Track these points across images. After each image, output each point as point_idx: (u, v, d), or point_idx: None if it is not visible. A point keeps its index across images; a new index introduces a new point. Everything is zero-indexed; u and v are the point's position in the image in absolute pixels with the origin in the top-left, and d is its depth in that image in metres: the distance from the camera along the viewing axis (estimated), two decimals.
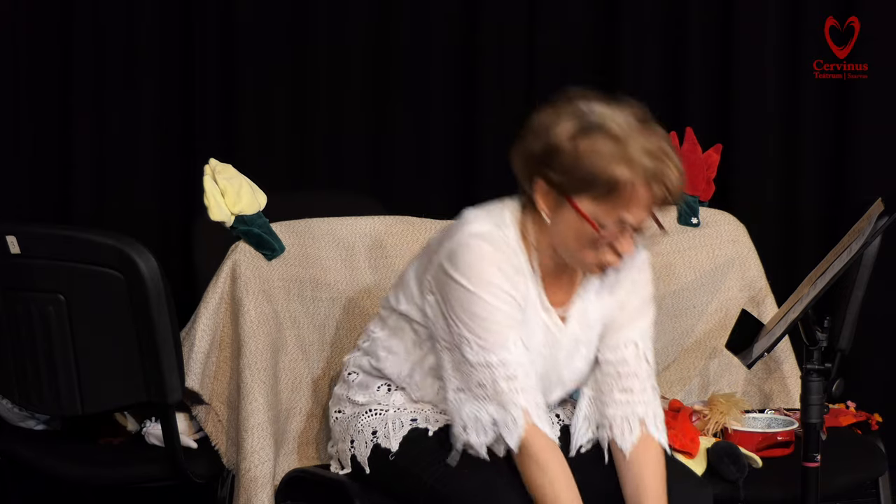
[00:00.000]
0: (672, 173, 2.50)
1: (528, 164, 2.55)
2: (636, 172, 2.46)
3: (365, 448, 2.70)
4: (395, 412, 2.71)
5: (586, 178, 2.47)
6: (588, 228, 2.49)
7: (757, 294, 3.35)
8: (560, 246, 2.55)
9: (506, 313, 2.52)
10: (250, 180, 3.00)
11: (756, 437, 2.92)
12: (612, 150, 2.47)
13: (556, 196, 2.51)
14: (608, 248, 2.52)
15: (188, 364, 2.91)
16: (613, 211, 2.48)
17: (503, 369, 2.50)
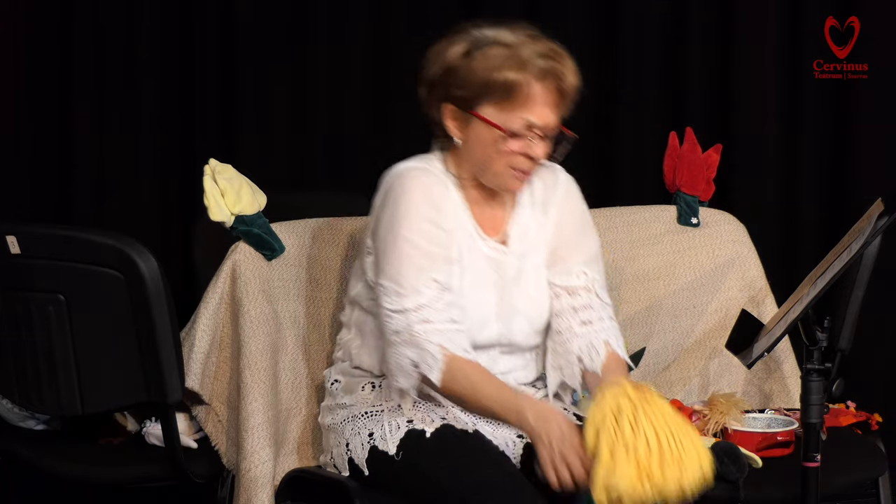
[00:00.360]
0: (565, 69, 2.67)
1: (431, 92, 2.69)
2: (529, 71, 2.62)
3: (362, 450, 2.70)
4: (389, 413, 2.71)
5: (484, 85, 2.61)
6: (496, 134, 2.62)
7: (757, 294, 3.35)
8: (476, 164, 2.68)
9: (424, 251, 2.60)
10: (250, 181, 3.00)
11: (756, 437, 2.92)
12: (503, 56, 2.62)
13: (462, 114, 2.65)
14: (521, 157, 2.65)
15: (188, 364, 2.91)
16: (515, 113, 2.62)
17: (416, 314, 2.58)
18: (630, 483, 2.42)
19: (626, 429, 2.45)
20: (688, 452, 2.46)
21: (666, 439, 2.45)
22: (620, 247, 3.33)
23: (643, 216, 3.38)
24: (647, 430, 2.45)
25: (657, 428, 2.45)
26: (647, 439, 2.44)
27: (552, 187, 2.82)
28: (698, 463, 2.47)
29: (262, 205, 3.00)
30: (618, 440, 2.44)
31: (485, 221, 2.75)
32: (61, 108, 3.85)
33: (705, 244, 3.37)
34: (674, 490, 2.45)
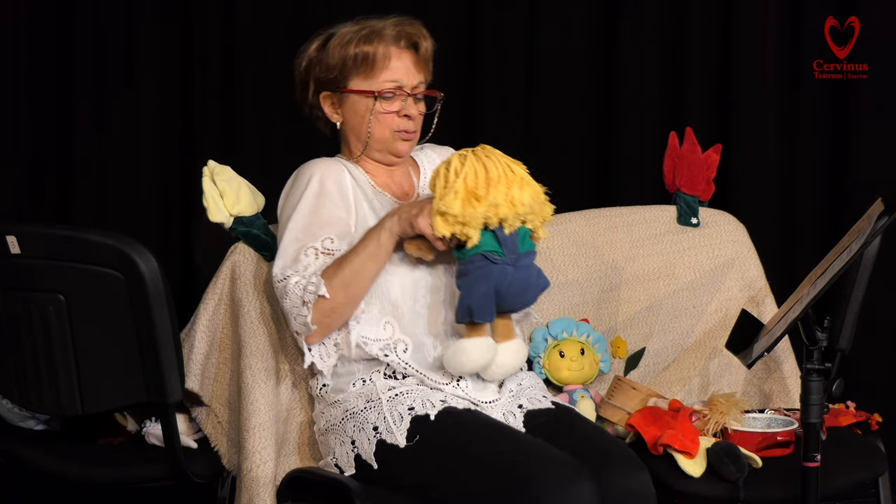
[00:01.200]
0: (415, 31, 2.90)
1: (304, 88, 2.95)
2: (382, 39, 2.87)
3: (369, 445, 2.71)
4: (388, 402, 2.73)
5: (345, 63, 2.88)
6: (369, 101, 2.88)
7: (757, 294, 3.35)
8: (362, 137, 2.92)
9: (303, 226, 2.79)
10: (249, 182, 3.01)
11: (756, 437, 2.91)
12: (354, 31, 2.89)
13: (336, 95, 2.91)
14: (398, 117, 2.88)
15: (188, 365, 2.91)
16: (379, 77, 2.88)
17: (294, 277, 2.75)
18: (459, 204, 2.64)
19: (454, 164, 2.70)
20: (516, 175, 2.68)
21: (495, 168, 2.67)
22: (620, 247, 3.33)
23: (643, 216, 3.38)
24: (475, 163, 2.69)
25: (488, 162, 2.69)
26: (476, 169, 2.67)
27: (445, 153, 3.05)
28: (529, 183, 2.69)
29: (261, 206, 3.00)
30: (448, 173, 2.69)
31: (394, 190, 2.96)
32: (61, 108, 3.85)
33: (705, 244, 3.37)
34: (504, 203, 2.66)
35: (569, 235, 3.29)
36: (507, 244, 2.69)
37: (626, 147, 4.08)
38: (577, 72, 4.08)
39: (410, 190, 2.98)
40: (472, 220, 2.65)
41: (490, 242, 2.68)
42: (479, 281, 2.69)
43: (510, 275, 2.69)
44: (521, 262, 2.71)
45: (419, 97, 2.91)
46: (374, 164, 2.95)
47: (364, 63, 2.87)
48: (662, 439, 2.84)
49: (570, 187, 4.07)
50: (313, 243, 2.78)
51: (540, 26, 4.06)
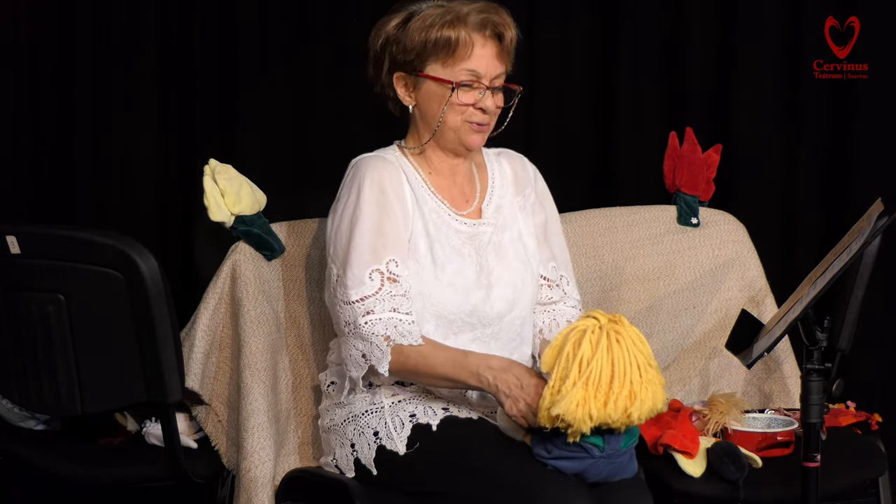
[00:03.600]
0: (501, 19, 2.76)
1: (377, 66, 2.82)
2: (467, 24, 2.73)
3: (368, 450, 2.71)
4: (391, 407, 2.72)
5: (424, 45, 2.74)
6: (446, 89, 2.75)
7: (757, 294, 3.35)
8: (432, 125, 2.78)
9: (370, 244, 2.69)
10: (250, 181, 3.00)
11: (756, 437, 2.92)
12: (439, 14, 2.74)
13: (411, 78, 2.78)
14: (473, 109, 2.76)
15: (188, 364, 2.91)
16: (459, 66, 2.74)
17: (361, 305, 2.67)
18: (571, 406, 2.43)
19: (583, 351, 2.45)
20: (643, 384, 2.46)
21: (623, 366, 2.45)
22: (620, 247, 3.33)
23: (643, 216, 3.38)
24: (604, 357, 2.45)
25: (617, 355, 2.46)
26: (602, 365, 2.45)
27: (521, 169, 2.95)
28: (651, 396, 2.47)
29: (262, 205, 3.00)
30: (573, 362, 2.45)
31: (454, 198, 2.84)
32: (61, 108, 3.85)
33: (705, 244, 3.37)
34: (619, 419, 2.45)
35: (569, 235, 3.29)
36: (610, 441, 2.53)
37: (626, 147, 4.08)
38: (577, 70, 4.08)
39: (471, 198, 2.87)
40: (580, 428, 2.46)
41: (595, 437, 2.52)
42: (565, 460, 2.54)
43: (602, 468, 2.56)
44: (618, 458, 2.57)
45: (497, 89, 2.78)
46: (439, 157, 2.84)
47: (445, 49, 2.73)
48: (662, 439, 2.84)
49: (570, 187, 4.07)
50: (378, 266, 2.69)
51: (540, 26, 4.06)
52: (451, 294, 2.74)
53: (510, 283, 2.81)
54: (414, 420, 2.69)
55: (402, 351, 2.65)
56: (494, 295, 2.79)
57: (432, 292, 2.73)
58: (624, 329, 2.48)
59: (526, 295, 2.84)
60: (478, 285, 2.77)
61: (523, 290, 2.83)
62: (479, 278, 2.78)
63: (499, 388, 2.59)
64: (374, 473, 2.70)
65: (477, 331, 2.77)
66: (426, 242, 2.75)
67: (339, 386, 2.82)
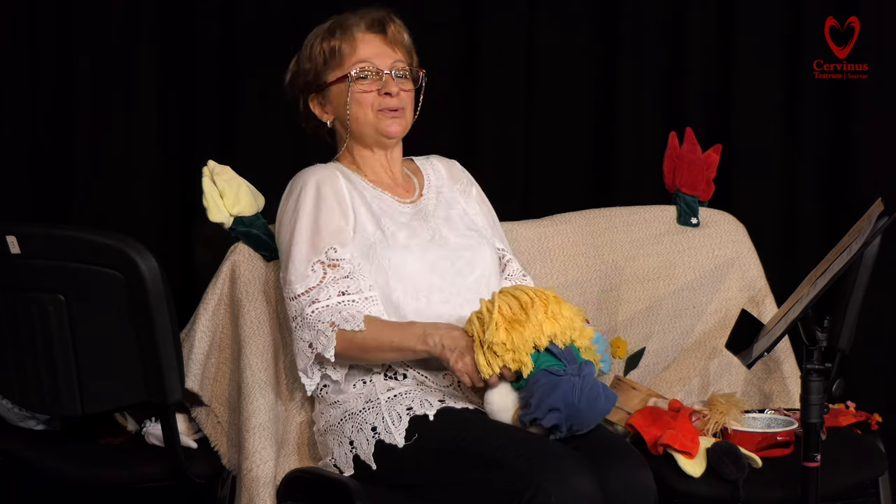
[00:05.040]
0: (385, 17, 2.92)
1: (296, 103, 2.99)
2: (346, 28, 2.91)
3: (367, 446, 2.71)
4: (387, 402, 2.73)
5: (317, 62, 2.92)
6: (345, 85, 2.88)
7: (757, 294, 3.35)
8: (350, 126, 2.91)
9: (308, 239, 2.79)
10: (249, 182, 3.00)
11: (756, 437, 2.91)
12: (322, 30, 2.94)
13: (319, 94, 2.94)
14: (379, 95, 2.88)
15: (188, 365, 2.91)
16: (350, 61, 2.89)
17: (306, 297, 2.76)
18: (503, 332, 2.59)
19: (483, 304, 2.65)
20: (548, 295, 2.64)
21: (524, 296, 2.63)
22: (620, 247, 3.33)
23: (643, 216, 3.38)
24: (504, 298, 2.64)
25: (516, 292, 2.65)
26: (507, 301, 2.62)
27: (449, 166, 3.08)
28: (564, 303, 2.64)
29: (261, 206, 3.00)
30: (481, 312, 2.64)
31: (395, 191, 2.94)
32: (61, 107, 3.85)
33: (705, 244, 3.37)
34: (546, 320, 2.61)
35: (569, 235, 3.29)
36: (564, 356, 2.62)
37: (626, 147, 4.08)
38: (577, 72, 4.08)
39: (411, 189, 2.98)
40: (521, 345, 2.60)
41: (548, 359, 2.62)
42: (545, 397, 2.59)
43: (578, 386, 2.60)
44: (584, 370, 2.62)
45: (399, 74, 2.90)
46: (368, 157, 2.95)
47: (333, 55, 2.90)
48: (662, 439, 2.84)
49: (570, 187, 4.07)
50: (318, 257, 2.78)
51: (540, 26, 4.06)
52: (407, 255, 2.82)
53: (466, 247, 2.90)
54: (411, 412, 2.70)
55: (345, 336, 2.71)
56: (454, 255, 2.87)
57: (390, 258, 2.80)
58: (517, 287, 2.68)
59: (485, 258, 2.91)
60: (432, 245, 2.86)
61: (481, 253, 2.91)
62: (434, 240, 2.87)
63: (444, 345, 2.67)
64: (374, 468, 2.70)
65: (445, 291, 2.82)
66: (373, 221, 2.85)
67: (332, 388, 2.82)
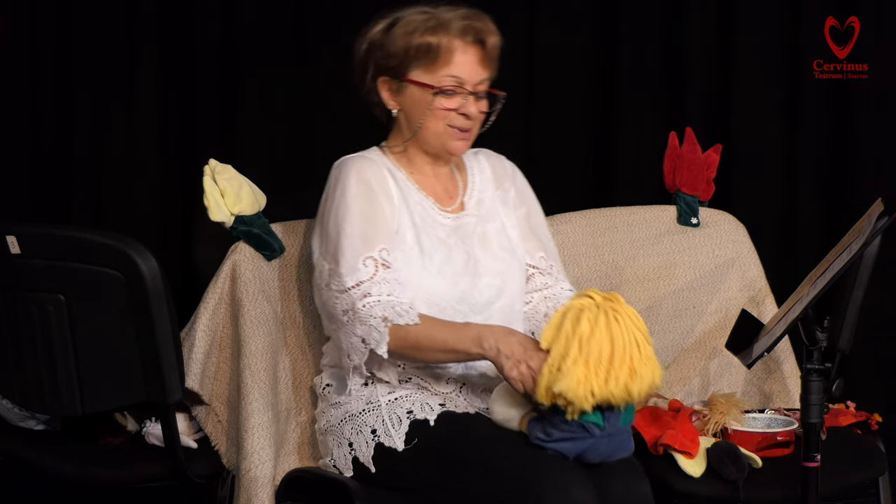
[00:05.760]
0: (484, 26, 2.79)
1: (363, 72, 2.84)
2: (449, 31, 2.76)
3: (367, 448, 2.71)
4: (387, 405, 2.72)
5: (407, 51, 2.77)
6: (428, 94, 2.77)
7: (757, 294, 3.35)
8: (416, 129, 2.81)
9: (360, 233, 2.72)
10: (250, 181, 3.00)
11: (756, 437, 2.91)
12: (422, 20, 2.77)
13: (395, 83, 2.81)
14: (456, 114, 2.79)
15: (188, 364, 2.91)
16: (442, 71, 2.76)
17: (357, 290, 2.69)
18: (573, 384, 2.46)
19: (582, 329, 2.47)
20: (642, 360, 2.50)
21: (621, 345, 2.48)
22: (620, 247, 3.33)
23: (643, 216, 3.38)
24: (603, 335, 2.47)
25: (616, 332, 2.48)
26: (602, 342, 2.47)
27: (499, 164, 2.99)
28: (650, 371, 2.51)
29: (262, 205, 3.00)
30: (573, 339, 2.48)
31: (438, 195, 2.87)
32: (61, 107, 3.85)
33: (705, 244, 3.37)
34: (620, 396, 2.48)
35: (569, 235, 3.29)
36: (610, 419, 2.55)
37: (626, 147, 4.08)
38: (577, 72, 4.08)
39: (454, 194, 2.92)
40: (581, 405, 2.48)
41: (595, 415, 2.53)
42: (566, 442, 2.55)
43: (603, 447, 2.57)
44: (619, 436, 2.58)
45: (481, 95, 2.81)
46: (421, 159, 2.87)
47: (427, 55, 2.76)
48: (662, 439, 2.84)
49: (570, 187, 4.07)
50: (371, 253, 2.72)
51: (540, 26, 4.06)
52: (440, 282, 2.77)
53: (498, 272, 2.84)
54: (411, 416, 2.70)
55: (402, 328, 2.66)
56: (483, 283, 2.81)
57: (422, 281, 2.76)
58: (621, 307, 2.52)
59: (514, 283, 2.87)
60: (466, 272, 2.80)
61: (511, 279, 2.86)
62: (467, 266, 2.81)
63: (500, 350, 2.60)
64: (373, 471, 2.70)
65: (469, 318, 2.78)
66: (413, 233, 2.79)
67: (335, 388, 2.82)
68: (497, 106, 2.83)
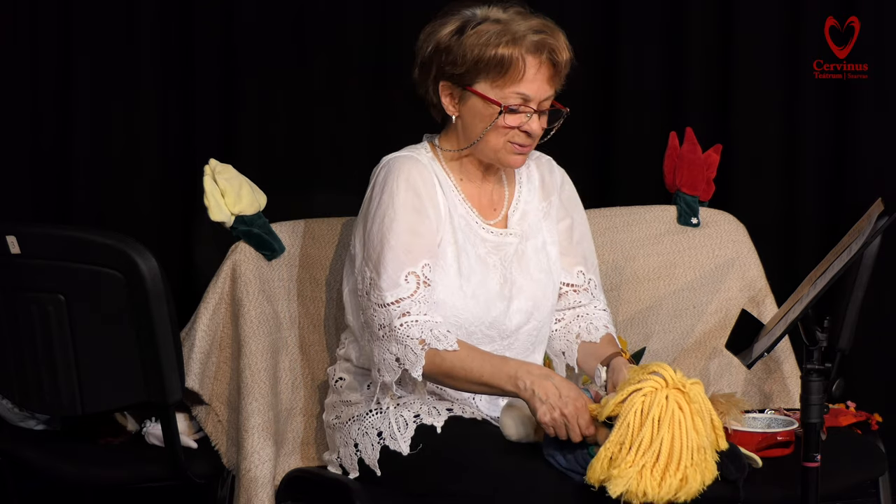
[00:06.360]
0: (557, 42, 2.70)
1: (425, 71, 2.73)
2: (522, 46, 2.65)
3: (372, 451, 2.70)
4: (395, 408, 2.71)
5: (477, 62, 2.65)
6: (493, 110, 2.67)
7: (757, 294, 3.35)
8: (472, 138, 2.71)
9: (405, 245, 2.64)
10: (250, 181, 3.00)
11: (756, 437, 2.91)
12: (495, 31, 2.65)
13: (458, 90, 2.70)
14: (518, 132, 2.69)
15: (188, 364, 2.91)
16: (510, 88, 2.66)
17: (397, 308, 2.62)
18: (624, 481, 2.40)
19: (646, 430, 2.42)
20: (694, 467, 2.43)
21: (680, 449, 2.42)
22: (620, 247, 3.33)
23: (643, 216, 3.38)
24: (670, 433, 2.41)
25: (676, 434, 2.42)
26: (661, 448, 2.41)
27: (549, 174, 2.91)
28: (700, 478, 2.44)
29: (262, 205, 3.00)
30: (635, 438, 2.42)
31: (482, 206, 2.80)
32: (61, 107, 3.85)
33: (705, 244, 3.37)
34: (666, 498, 2.43)
35: None
36: None
37: (626, 147, 4.08)
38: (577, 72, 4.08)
39: (499, 206, 2.83)
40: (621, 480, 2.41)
41: None
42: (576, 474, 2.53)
43: None
44: None
45: (544, 112, 2.72)
46: (474, 166, 2.78)
47: (497, 69, 2.65)
48: None
49: None
50: (413, 268, 2.64)
51: None
52: (473, 305, 2.72)
53: (531, 296, 2.79)
54: (418, 420, 2.69)
55: (438, 354, 2.61)
56: (514, 307, 2.77)
57: (455, 301, 2.71)
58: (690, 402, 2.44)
59: (545, 308, 2.82)
60: (500, 297, 2.75)
61: (543, 302, 2.81)
62: (502, 290, 2.76)
63: (535, 392, 2.54)
64: (378, 474, 2.70)
65: (495, 343, 2.75)
66: (454, 251, 2.73)
67: (347, 384, 2.81)
68: (559, 121, 2.75)
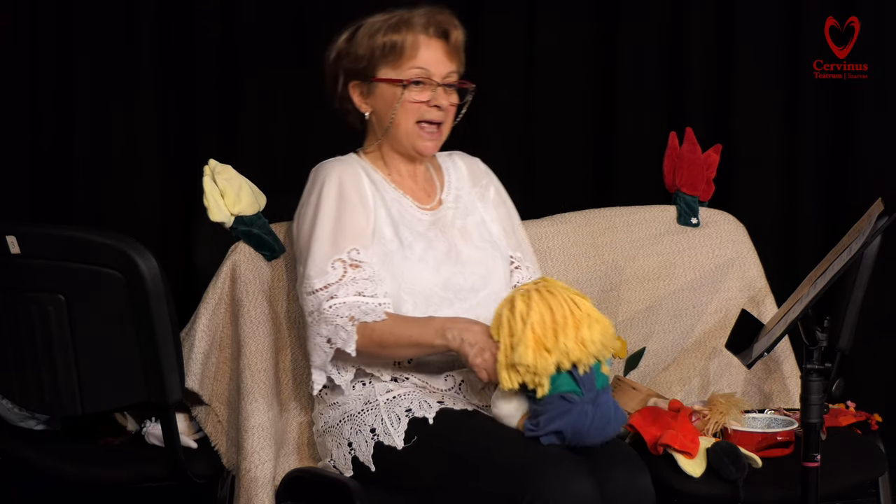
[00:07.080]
0: (446, 20, 2.83)
1: (333, 80, 2.91)
2: (410, 25, 2.81)
3: (366, 447, 2.71)
4: (386, 404, 2.72)
5: (373, 51, 2.82)
6: (397, 89, 2.81)
7: (757, 294, 3.35)
8: (387, 128, 2.85)
9: (330, 236, 2.75)
10: (250, 181, 3.00)
11: (756, 437, 2.92)
12: (383, 21, 2.83)
13: (365, 85, 2.86)
14: (427, 106, 2.82)
15: (188, 364, 2.91)
16: (407, 64, 2.81)
17: (325, 293, 2.72)
18: (531, 354, 2.54)
19: (518, 308, 2.57)
20: (584, 314, 2.57)
21: (560, 308, 2.56)
22: (620, 247, 3.33)
23: (643, 216, 3.38)
24: (540, 306, 2.57)
25: (552, 301, 2.58)
26: (541, 311, 2.57)
27: (472, 163, 3.02)
28: (598, 324, 2.57)
29: (261, 205, 3.00)
30: (514, 319, 2.57)
31: (416, 193, 2.90)
32: (61, 107, 3.85)
33: (705, 244, 3.37)
34: (575, 347, 2.55)
35: (569, 235, 3.29)
36: (584, 383, 2.58)
37: (626, 147, 4.08)
38: (577, 72, 4.08)
39: (432, 192, 2.94)
40: (544, 370, 2.55)
41: (567, 383, 2.58)
42: (555, 420, 2.58)
43: (591, 413, 2.59)
44: (601, 398, 2.60)
45: (450, 86, 2.84)
46: (395, 161, 2.91)
47: (392, 52, 2.81)
48: (662, 439, 2.84)
49: (570, 187, 4.08)
50: (340, 255, 2.74)
51: (540, 26, 4.06)
52: (422, 269, 2.79)
53: (480, 261, 2.87)
54: (410, 414, 2.70)
55: (367, 326, 2.69)
56: (468, 270, 2.84)
57: (404, 271, 2.78)
58: (552, 284, 2.62)
59: (497, 273, 2.89)
60: (447, 260, 2.83)
61: (494, 269, 2.88)
62: (448, 255, 2.84)
63: (464, 339, 2.64)
64: (373, 470, 2.70)
65: (455, 306, 2.80)
66: (391, 227, 2.81)
67: (331, 389, 2.82)
68: (468, 98, 2.86)
